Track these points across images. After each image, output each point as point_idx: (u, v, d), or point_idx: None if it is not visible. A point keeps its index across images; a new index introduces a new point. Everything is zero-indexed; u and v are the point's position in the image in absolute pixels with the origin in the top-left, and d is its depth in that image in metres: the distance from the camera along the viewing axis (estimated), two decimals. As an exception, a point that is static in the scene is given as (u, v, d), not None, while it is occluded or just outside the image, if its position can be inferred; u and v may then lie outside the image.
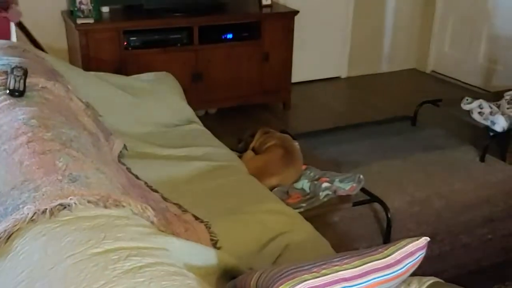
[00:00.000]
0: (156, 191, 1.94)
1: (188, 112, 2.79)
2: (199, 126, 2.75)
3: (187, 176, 2.17)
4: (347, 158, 3.54)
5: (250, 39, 4.05)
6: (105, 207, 1.23)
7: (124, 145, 2.24)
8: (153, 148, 2.40)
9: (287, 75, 4.28)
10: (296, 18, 4.16)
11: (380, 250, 1.23)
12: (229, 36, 4.00)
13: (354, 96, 4.83)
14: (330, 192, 2.62)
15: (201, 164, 2.28)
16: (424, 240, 1.26)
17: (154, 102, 2.67)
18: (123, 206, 1.26)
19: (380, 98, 4.74)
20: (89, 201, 1.22)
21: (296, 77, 4.54)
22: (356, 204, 2.69)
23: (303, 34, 4.64)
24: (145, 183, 1.98)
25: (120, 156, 2.19)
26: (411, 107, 4.17)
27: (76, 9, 3.63)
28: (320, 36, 4.92)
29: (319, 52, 4.97)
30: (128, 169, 2.05)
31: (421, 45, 5.42)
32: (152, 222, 1.32)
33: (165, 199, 1.89)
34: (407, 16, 5.31)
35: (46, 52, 2.93)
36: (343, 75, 5.19)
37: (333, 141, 3.80)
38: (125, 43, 3.69)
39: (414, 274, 1.35)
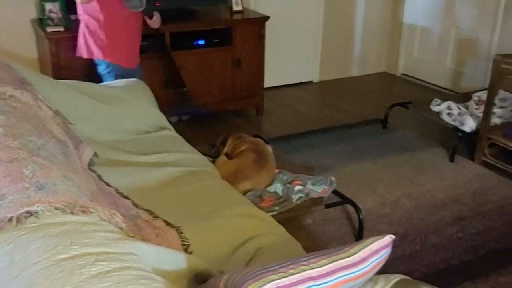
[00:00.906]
0: (127, 197, 1.94)
1: (160, 118, 2.79)
2: (171, 133, 2.75)
3: (159, 182, 2.17)
4: (320, 161, 3.58)
5: (222, 45, 4.08)
6: (73, 213, 1.23)
7: (95, 152, 2.23)
8: (125, 155, 2.40)
9: (260, 80, 4.31)
10: (267, 23, 4.20)
11: (346, 249, 1.26)
12: (201, 42, 4.02)
13: (326, 100, 4.88)
14: (302, 195, 2.65)
15: (173, 170, 2.28)
16: (389, 238, 1.29)
17: (125, 109, 2.66)
18: (91, 212, 1.26)
19: (352, 101, 4.80)
20: (56, 208, 1.22)
21: (268, 82, 4.58)
22: (328, 206, 2.72)
23: (275, 39, 4.67)
24: (116, 190, 1.97)
25: (91, 163, 2.18)
26: (382, 110, 4.23)
27: (45, 17, 3.61)
28: (291, 41, 4.97)
29: (291, 57, 5.01)
30: (99, 177, 2.04)
31: (391, 49, 5.51)
32: (121, 228, 1.32)
33: (136, 205, 1.89)
34: (377, 21, 5.39)
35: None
36: (315, 79, 5.25)
37: (306, 145, 3.83)
38: (96, 51, 3.66)
39: (384, 272, 1.37)
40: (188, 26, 3.96)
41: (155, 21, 3.39)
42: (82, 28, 3.18)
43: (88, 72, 3.53)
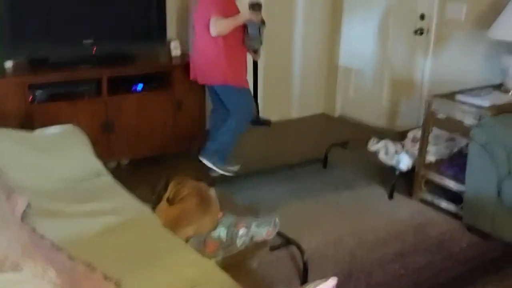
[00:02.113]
0: (62, 250, 1.85)
1: (96, 165, 2.72)
2: (108, 179, 2.68)
3: (96, 232, 2.10)
4: (264, 202, 3.57)
5: (161, 89, 4.06)
6: (1, 271, 1.16)
7: (28, 203, 2.13)
8: (60, 204, 2.31)
9: (202, 122, 4.31)
10: (207, 67, 4.21)
11: (290, 294, 1.24)
12: (140, 86, 3.99)
13: (268, 141, 4.92)
14: (247, 239, 2.63)
15: (111, 218, 2.22)
16: (332, 280, 1.28)
17: (60, 156, 2.58)
18: (22, 269, 1.19)
19: (292, 142, 4.86)
20: (-17, 267, 1.15)
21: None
22: (273, 248, 2.70)
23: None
24: (51, 242, 1.88)
25: (25, 215, 2.08)
26: (322, 150, 4.30)
27: (-24, 63, 3.50)
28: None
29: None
30: (33, 229, 1.95)
31: (328, 91, 5.67)
32: (55, 284, 1.25)
33: (72, 258, 1.81)
34: (314, 65, 5.55)
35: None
36: (256, 121, 5.29)
37: (249, 186, 3.83)
38: (31, 97, 3.57)
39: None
40: (126, 71, 3.92)
41: (259, 55, 4.04)
42: (204, 57, 3.71)
43: (25, 120, 3.43)
